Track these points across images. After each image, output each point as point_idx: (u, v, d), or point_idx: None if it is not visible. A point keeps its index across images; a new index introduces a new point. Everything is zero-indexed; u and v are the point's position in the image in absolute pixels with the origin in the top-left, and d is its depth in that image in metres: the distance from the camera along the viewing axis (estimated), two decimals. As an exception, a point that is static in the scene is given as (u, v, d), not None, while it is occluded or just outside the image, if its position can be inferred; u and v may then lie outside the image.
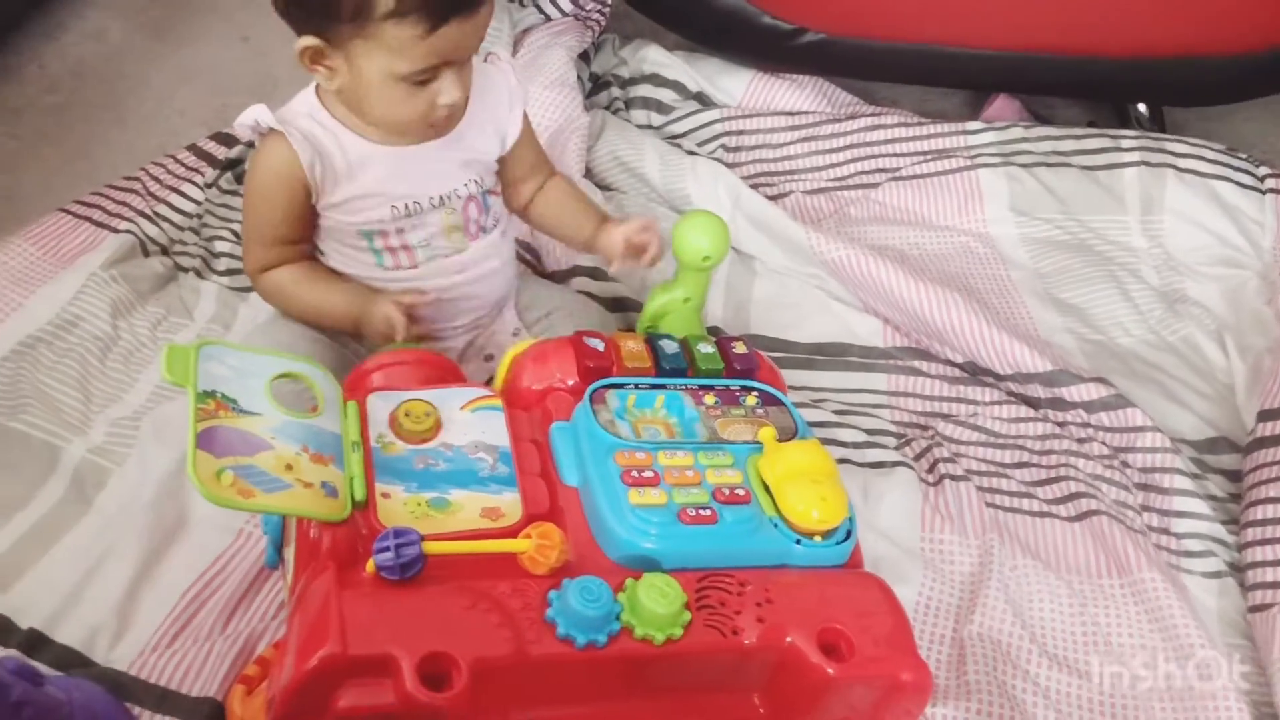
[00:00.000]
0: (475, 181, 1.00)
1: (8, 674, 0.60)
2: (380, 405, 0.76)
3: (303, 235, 1.00)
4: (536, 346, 0.86)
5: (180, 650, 0.87)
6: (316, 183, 0.94)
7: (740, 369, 0.86)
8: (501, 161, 1.04)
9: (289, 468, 0.67)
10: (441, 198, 0.98)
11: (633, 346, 0.85)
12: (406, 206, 0.97)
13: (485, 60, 1.03)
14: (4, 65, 1.57)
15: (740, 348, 0.87)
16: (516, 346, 0.87)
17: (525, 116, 1.04)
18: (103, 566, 0.92)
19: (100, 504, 0.98)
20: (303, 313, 1.01)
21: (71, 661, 0.85)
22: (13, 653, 0.84)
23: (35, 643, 0.86)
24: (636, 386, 0.82)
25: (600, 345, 0.84)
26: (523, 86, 1.04)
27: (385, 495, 0.70)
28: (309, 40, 0.90)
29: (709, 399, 0.82)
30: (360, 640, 0.60)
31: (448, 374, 0.85)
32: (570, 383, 0.82)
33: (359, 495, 0.69)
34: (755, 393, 0.84)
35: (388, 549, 0.63)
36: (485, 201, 1.02)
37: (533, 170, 1.07)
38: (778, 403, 0.84)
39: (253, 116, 0.94)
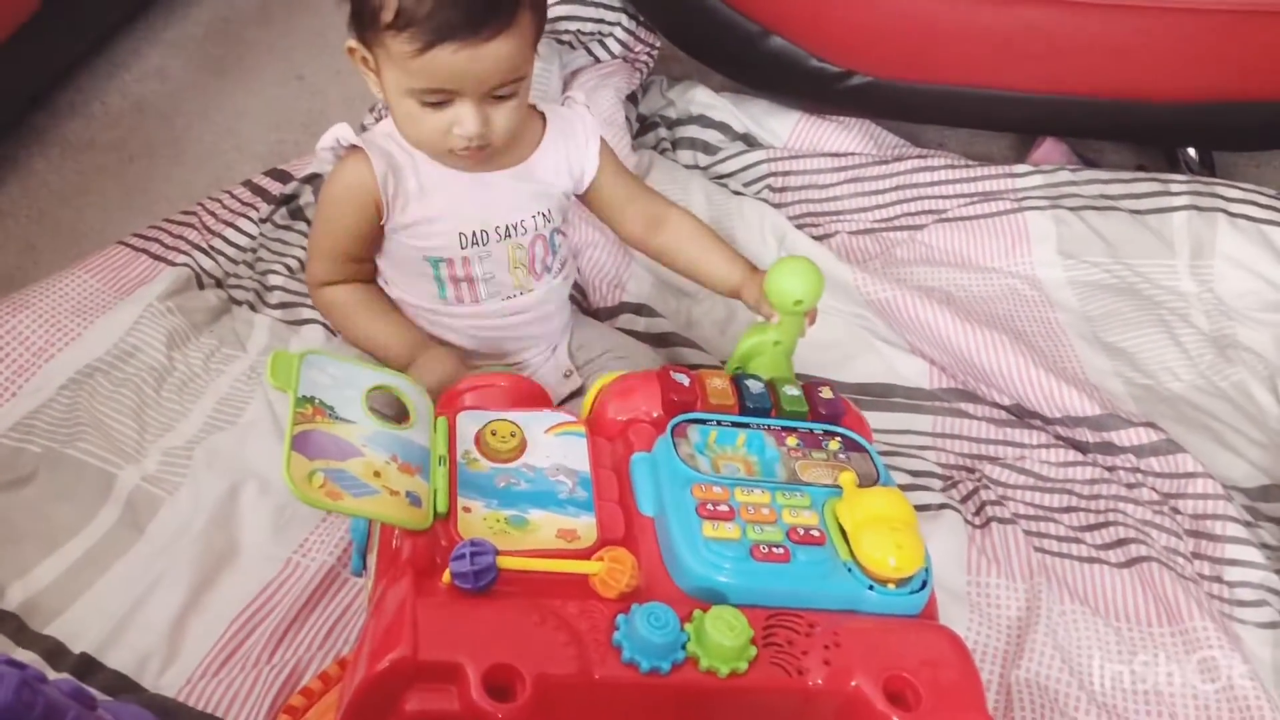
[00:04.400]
0: (544, 216, 1.01)
1: (63, 697, 0.61)
2: (469, 423, 0.78)
3: (366, 254, 1.02)
4: (623, 379, 0.86)
5: (228, 678, 0.88)
6: (388, 199, 0.96)
7: (825, 414, 0.85)
8: (593, 196, 1.06)
9: (377, 475, 0.69)
10: (509, 228, 0.99)
11: (718, 384, 0.84)
12: (474, 235, 0.98)
13: (563, 104, 1.06)
14: (68, 102, 1.61)
15: (827, 393, 0.86)
16: (603, 378, 0.87)
17: (610, 152, 1.06)
18: (153, 594, 0.93)
19: (152, 532, 0.99)
20: (355, 338, 1.03)
21: (121, 687, 0.86)
22: (65, 677, 0.86)
23: (87, 668, 0.87)
24: (719, 423, 0.81)
25: (686, 380, 0.84)
26: (597, 124, 1.05)
27: (466, 509, 0.71)
28: (351, 42, 0.94)
29: (791, 441, 0.81)
30: (431, 646, 0.61)
31: (537, 399, 0.86)
32: (654, 415, 0.83)
33: (441, 507, 0.70)
34: (839, 438, 0.83)
35: (464, 557, 0.65)
36: (553, 242, 1.03)
37: (631, 199, 1.07)
38: (861, 450, 0.82)
39: (334, 135, 0.97)
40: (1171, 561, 1.04)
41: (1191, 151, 1.58)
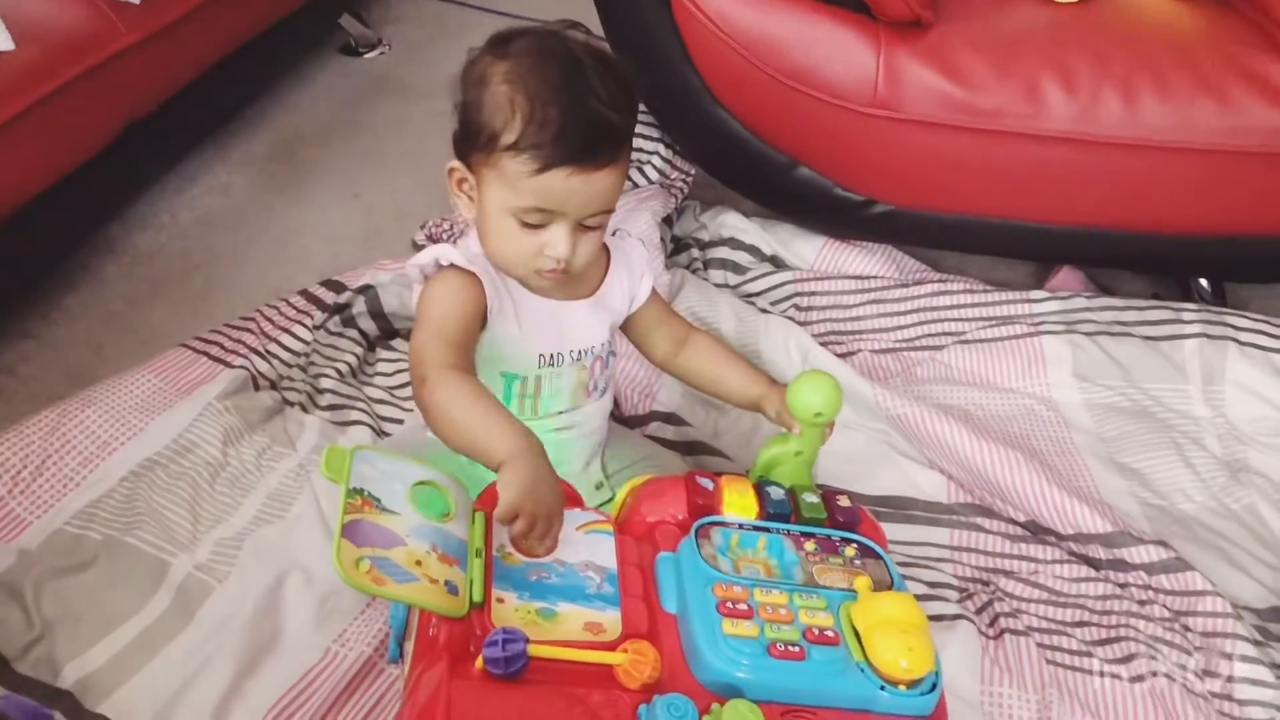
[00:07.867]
0: (607, 342, 1.07)
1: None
2: None
3: (473, 343, 0.96)
4: (651, 483, 0.91)
5: (267, 760, 0.92)
6: (493, 310, 0.98)
7: (843, 521, 0.89)
8: (631, 320, 1.11)
9: (418, 564, 0.74)
10: (580, 352, 1.04)
11: (741, 489, 0.89)
12: (551, 356, 1.02)
13: (614, 235, 1.12)
14: (140, 215, 1.72)
15: (844, 501, 0.91)
16: (633, 480, 0.93)
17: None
18: (200, 677, 0.98)
19: (201, 618, 1.04)
20: (464, 428, 0.86)
21: (166, 765, 0.91)
22: (115, 752, 0.90)
23: (134, 745, 0.92)
24: (741, 527, 0.86)
25: (710, 485, 0.89)
26: (648, 257, 1.12)
27: (500, 600, 0.76)
28: (455, 163, 0.99)
29: (809, 545, 0.86)
30: None
31: (569, 499, 0.89)
32: (680, 517, 0.87)
33: (477, 597, 0.75)
34: (855, 545, 0.87)
35: (496, 644, 0.69)
36: (607, 362, 1.08)
37: (659, 322, 1.13)
38: (876, 557, 0.87)
39: (434, 255, 0.99)
40: (1182, 678, 1.06)
41: (1204, 282, 1.63)
